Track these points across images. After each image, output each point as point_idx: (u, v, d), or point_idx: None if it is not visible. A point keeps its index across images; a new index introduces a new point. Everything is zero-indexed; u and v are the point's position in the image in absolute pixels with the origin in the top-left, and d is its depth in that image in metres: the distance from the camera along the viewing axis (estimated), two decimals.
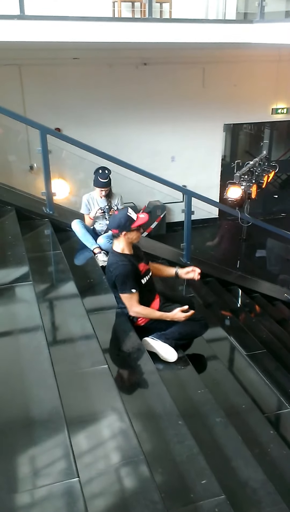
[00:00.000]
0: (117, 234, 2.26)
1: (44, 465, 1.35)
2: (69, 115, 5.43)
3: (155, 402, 1.84)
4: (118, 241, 2.29)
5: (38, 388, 1.61)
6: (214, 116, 6.07)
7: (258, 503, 1.56)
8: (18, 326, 2.02)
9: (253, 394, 2.32)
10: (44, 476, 1.31)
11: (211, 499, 1.45)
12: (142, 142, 5.84)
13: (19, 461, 1.37)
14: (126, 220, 2.24)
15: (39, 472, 1.34)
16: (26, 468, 1.35)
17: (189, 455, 1.61)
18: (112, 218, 2.36)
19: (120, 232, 2.25)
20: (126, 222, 2.23)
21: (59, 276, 2.74)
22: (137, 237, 2.31)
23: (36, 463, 1.37)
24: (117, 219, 2.27)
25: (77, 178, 4.93)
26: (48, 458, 1.38)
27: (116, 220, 2.27)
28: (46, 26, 3.57)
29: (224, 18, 4.99)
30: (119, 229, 2.24)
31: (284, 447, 1.95)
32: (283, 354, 3.14)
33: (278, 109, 6.51)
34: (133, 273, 2.24)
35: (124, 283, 2.21)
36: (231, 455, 1.74)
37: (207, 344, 2.59)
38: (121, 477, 1.44)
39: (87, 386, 1.78)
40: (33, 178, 4.58)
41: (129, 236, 2.27)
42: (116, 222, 2.26)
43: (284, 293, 4.25)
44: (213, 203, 4.16)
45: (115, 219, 2.29)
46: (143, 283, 2.31)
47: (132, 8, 4.72)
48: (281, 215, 7.13)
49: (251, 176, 4.81)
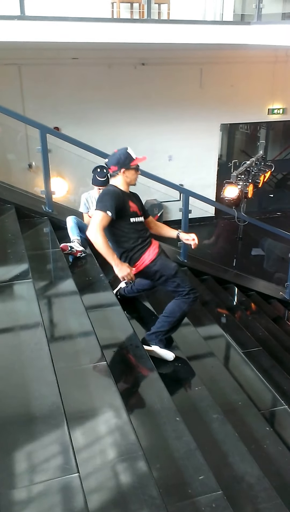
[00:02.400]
0: (116, 171, 2.21)
1: (44, 461, 1.37)
2: (68, 114, 5.43)
3: (153, 399, 1.86)
4: (115, 180, 2.25)
5: (38, 384, 1.62)
6: (211, 116, 6.10)
7: (255, 498, 1.59)
8: (18, 323, 2.03)
9: (249, 391, 2.35)
10: (43, 471, 1.32)
11: (208, 495, 1.47)
12: (140, 141, 5.85)
13: (20, 457, 1.38)
14: (126, 158, 2.21)
15: (39, 467, 1.35)
16: (26, 464, 1.37)
17: (187, 451, 1.63)
18: (111, 156, 2.27)
19: (119, 169, 2.20)
20: (126, 160, 2.20)
21: (58, 274, 2.76)
22: (135, 178, 2.27)
23: (36, 458, 1.38)
24: (117, 155, 2.22)
25: (75, 176, 4.94)
26: (48, 453, 1.39)
27: (116, 157, 2.22)
28: (46, 26, 3.59)
29: (221, 19, 5.02)
30: (118, 165, 2.20)
31: (280, 443, 1.98)
32: (279, 351, 3.18)
33: (274, 110, 6.56)
34: (118, 200, 2.16)
35: (102, 201, 2.16)
36: (228, 451, 1.76)
37: (204, 341, 2.62)
38: (119, 473, 1.46)
39: (86, 382, 1.80)
40: (32, 177, 4.58)
41: (127, 175, 2.23)
42: (115, 158, 2.21)
43: (280, 291, 4.30)
44: (210, 202, 4.19)
45: (114, 156, 2.23)
46: (131, 222, 2.23)
47: (130, 9, 4.74)
48: (276, 214, 7.19)
49: (247, 175, 4.86)
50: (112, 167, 2.24)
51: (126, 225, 2.23)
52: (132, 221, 2.25)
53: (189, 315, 2.84)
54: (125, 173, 2.23)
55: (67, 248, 3.00)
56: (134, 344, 2.20)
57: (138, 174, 2.30)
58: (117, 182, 2.26)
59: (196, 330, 2.70)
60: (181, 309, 2.26)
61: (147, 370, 2.06)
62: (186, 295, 2.24)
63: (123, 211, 2.20)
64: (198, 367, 2.32)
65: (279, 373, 2.77)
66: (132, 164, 2.22)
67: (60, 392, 1.57)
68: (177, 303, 2.27)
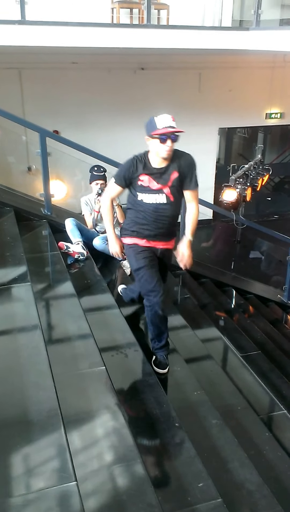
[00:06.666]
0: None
1: (41, 466, 1.35)
2: (67, 118, 5.45)
3: (152, 404, 1.84)
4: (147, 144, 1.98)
5: (36, 388, 1.61)
6: (209, 120, 6.14)
7: (254, 506, 1.57)
8: (16, 326, 2.02)
9: (248, 396, 2.34)
10: (40, 477, 1.31)
11: (208, 502, 1.45)
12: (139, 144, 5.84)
13: (17, 462, 1.36)
14: (149, 124, 1.94)
15: (36, 472, 1.34)
16: (23, 469, 1.35)
17: (186, 458, 1.61)
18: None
19: (146, 134, 1.96)
20: (147, 126, 1.94)
21: (56, 277, 2.74)
22: (160, 150, 1.92)
23: (33, 464, 1.37)
24: (147, 121, 1.97)
25: (75, 179, 4.94)
26: (45, 458, 1.37)
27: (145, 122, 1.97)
28: (46, 31, 3.60)
29: (220, 25, 5.06)
30: (146, 131, 1.96)
31: (279, 449, 1.96)
32: (277, 355, 3.17)
33: (272, 114, 6.61)
34: (127, 170, 1.96)
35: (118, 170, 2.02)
36: (227, 457, 1.74)
37: (202, 344, 2.61)
38: (117, 480, 1.44)
39: (84, 387, 1.78)
40: (32, 180, 4.57)
41: (150, 144, 1.95)
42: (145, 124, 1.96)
43: (278, 294, 4.31)
44: (209, 205, 4.20)
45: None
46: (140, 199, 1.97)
47: (130, 15, 4.77)
48: (274, 217, 7.22)
49: (246, 179, 4.87)
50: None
51: (134, 198, 2.01)
52: (139, 197, 1.98)
53: (187, 318, 2.84)
54: (149, 141, 1.96)
55: (64, 247, 3.00)
56: (133, 348, 2.18)
57: (167, 146, 1.92)
58: (148, 150, 1.99)
59: (194, 333, 2.69)
60: (148, 317, 2.09)
61: (146, 374, 2.04)
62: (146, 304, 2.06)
63: (132, 183, 1.99)
64: (197, 371, 2.31)
65: (277, 377, 2.76)
66: (153, 133, 1.92)
67: (57, 397, 1.55)
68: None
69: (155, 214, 2.01)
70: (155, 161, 1.98)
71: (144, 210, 2.01)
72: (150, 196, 1.99)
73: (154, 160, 1.98)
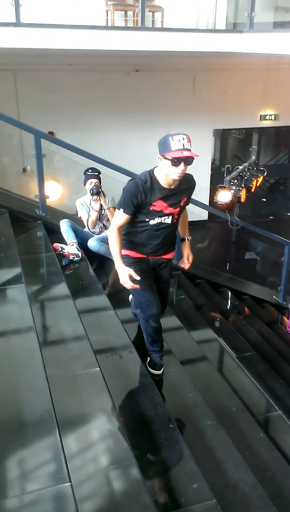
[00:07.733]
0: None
1: (35, 469, 1.35)
2: (62, 119, 5.44)
3: (147, 405, 1.84)
4: (158, 166, 1.87)
5: (30, 391, 1.60)
6: (204, 122, 6.16)
7: (249, 507, 1.57)
8: (10, 328, 2.01)
9: (243, 397, 2.35)
10: (35, 479, 1.30)
11: (202, 503, 1.45)
12: (134, 146, 5.88)
13: (11, 465, 1.35)
14: (162, 143, 1.79)
15: (30, 475, 1.33)
16: (17, 472, 1.34)
17: (180, 459, 1.61)
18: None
19: (159, 153, 1.82)
20: (162, 146, 1.80)
21: (51, 278, 2.74)
22: (171, 173, 1.81)
23: (28, 466, 1.36)
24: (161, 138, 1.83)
25: (69, 180, 4.94)
26: (40, 461, 1.37)
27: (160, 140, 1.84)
28: (41, 33, 3.60)
29: (214, 28, 5.10)
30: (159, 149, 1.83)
31: (274, 450, 1.97)
32: (272, 356, 3.19)
33: (266, 116, 6.66)
34: (136, 198, 1.85)
35: (121, 198, 1.90)
36: (222, 458, 1.75)
37: (197, 346, 2.61)
38: (112, 481, 1.43)
39: (78, 389, 1.78)
40: (27, 181, 4.56)
41: (161, 164, 1.82)
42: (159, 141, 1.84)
43: (273, 295, 4.32)
44: (204, 206, 4.21)
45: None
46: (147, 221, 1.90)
47: (125, 17, 4.78)
48: (269, 218, 7.26)
49: (240, 180, 4.89)
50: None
51: (136, 220, 1.94)
52: (145, 220, 1.92)
53: (182, 319, 2.85)
54: (161, 160, 1.82)
55: (58, 248, 2.99)
56: (128, 349, 2.18)
57: (180, 169, 1.79)
58: (158, 169, 1.88)
59: (189, 334, 2.69)
60: (142, 326, 2.14)
61: (140, 376, 2.04)
62: (140, 316, 2.10)
63: (140, 209, 1.89)
64: (192, 372, 2.31)
65: (272, 378, 2.77)
66: (166, 155, 1.78)
67: (52, 399, 1.54)
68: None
69: (157, 232, 1.98)
70: (164, 181, 1.89)
71: (147, 229, 1.97)
72: (158, 219, 1.95)
73: (163, 180, 1.89)
